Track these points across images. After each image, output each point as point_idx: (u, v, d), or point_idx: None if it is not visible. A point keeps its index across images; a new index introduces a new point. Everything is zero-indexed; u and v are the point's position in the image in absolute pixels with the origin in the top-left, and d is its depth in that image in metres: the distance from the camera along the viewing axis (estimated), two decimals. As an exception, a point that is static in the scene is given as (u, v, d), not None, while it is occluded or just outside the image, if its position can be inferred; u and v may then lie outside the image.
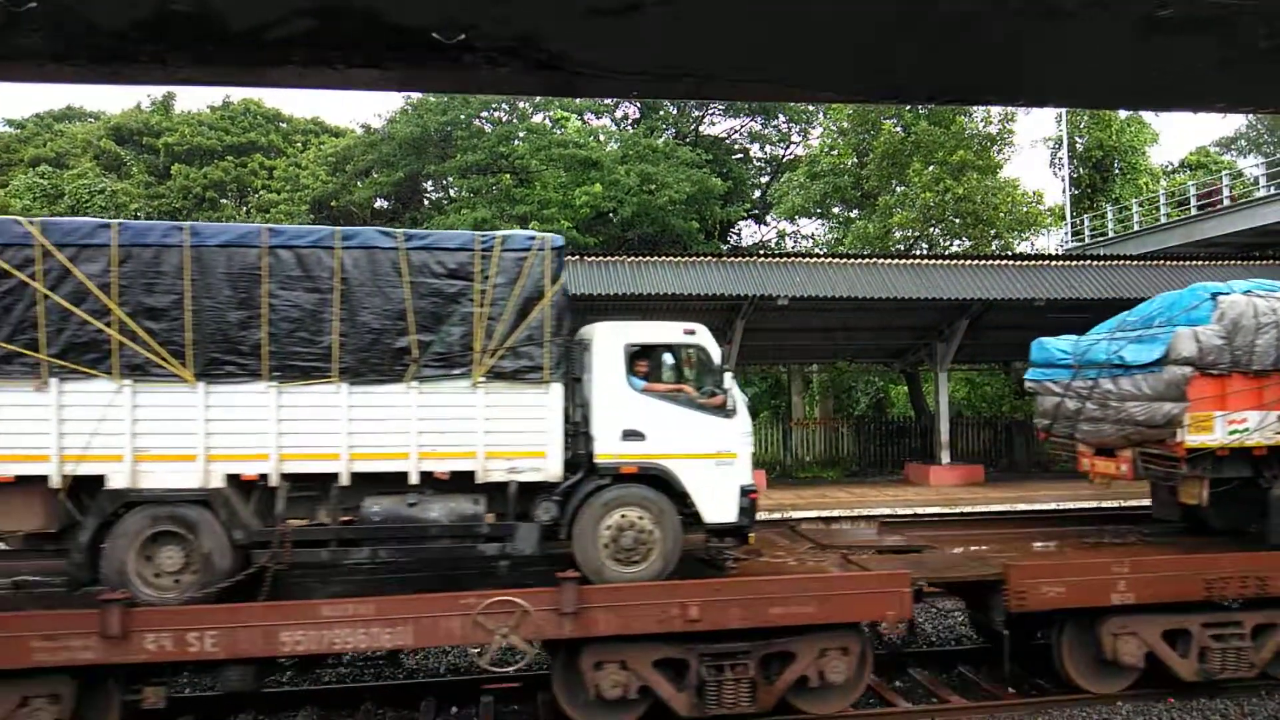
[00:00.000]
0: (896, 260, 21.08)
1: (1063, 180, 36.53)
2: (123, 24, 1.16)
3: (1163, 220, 31.45)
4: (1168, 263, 21.90)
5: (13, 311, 7.57)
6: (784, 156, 40.16)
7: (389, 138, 33.93)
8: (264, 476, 7.92)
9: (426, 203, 36.65)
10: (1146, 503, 11.87)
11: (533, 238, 8.43)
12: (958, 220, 28.70)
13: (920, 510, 15.97)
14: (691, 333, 8.93)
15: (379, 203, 36.24)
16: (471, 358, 8.14)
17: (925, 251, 28.81)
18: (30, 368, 7.57)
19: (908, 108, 29.22)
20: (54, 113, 41.89)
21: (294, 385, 7.92)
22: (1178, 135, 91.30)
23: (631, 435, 8.50)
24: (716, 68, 1.35)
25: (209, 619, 7.56)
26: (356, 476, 8.06)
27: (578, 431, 8.52)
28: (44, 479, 7.65)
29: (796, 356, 25.71)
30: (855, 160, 32.70)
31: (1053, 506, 15.28)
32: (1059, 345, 11.21)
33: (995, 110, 28.66)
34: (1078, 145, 37.28)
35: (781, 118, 38.72)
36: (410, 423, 8.05)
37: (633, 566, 8.37)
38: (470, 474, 8.20)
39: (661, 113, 37.19)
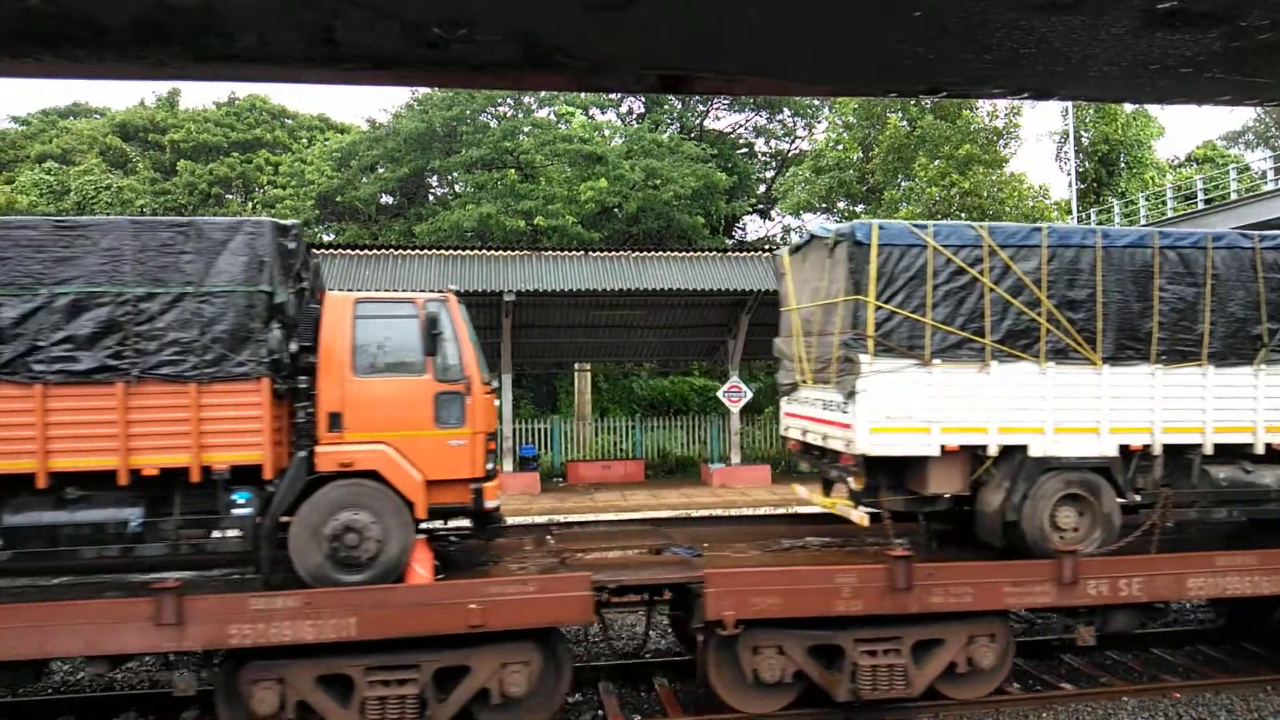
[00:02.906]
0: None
1: (1069, 174, 36.43)
2: (124, 20, 1.17)
3: (1169, 214, 31.35)
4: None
5: (965, 303, 8.67)
6: (789, 151, 40.06)
7: (394, 133, 33.89)
8: (1146, 447, 8.95)
9: (431, 198, 36.66)
10: None
11: None
12: (964, 215, 28.63)
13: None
14: None
15: (384, 198, 36.26)
16: None
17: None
18: (976, 352, 8.68)
19: (913, 101, 29.13)
20: (59, 109, 41.92)
21: (1173, 368, 8.98)
22: (1184, 129, 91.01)
23: None
24: (718, 61, 1.35)
25: (1135, 568, 8.48)
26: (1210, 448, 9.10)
27: None
28: (974, 448, 8.71)
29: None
30: (860, 155, 32.63)
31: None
32: None
33: (1001, 104, 28.61)
34: (1084, 139, 37.17)
35: (786, 112, 38.62)
36: (1257, 400, 9.14)
37: None
38: None
39: (666, 107, 37.12)
